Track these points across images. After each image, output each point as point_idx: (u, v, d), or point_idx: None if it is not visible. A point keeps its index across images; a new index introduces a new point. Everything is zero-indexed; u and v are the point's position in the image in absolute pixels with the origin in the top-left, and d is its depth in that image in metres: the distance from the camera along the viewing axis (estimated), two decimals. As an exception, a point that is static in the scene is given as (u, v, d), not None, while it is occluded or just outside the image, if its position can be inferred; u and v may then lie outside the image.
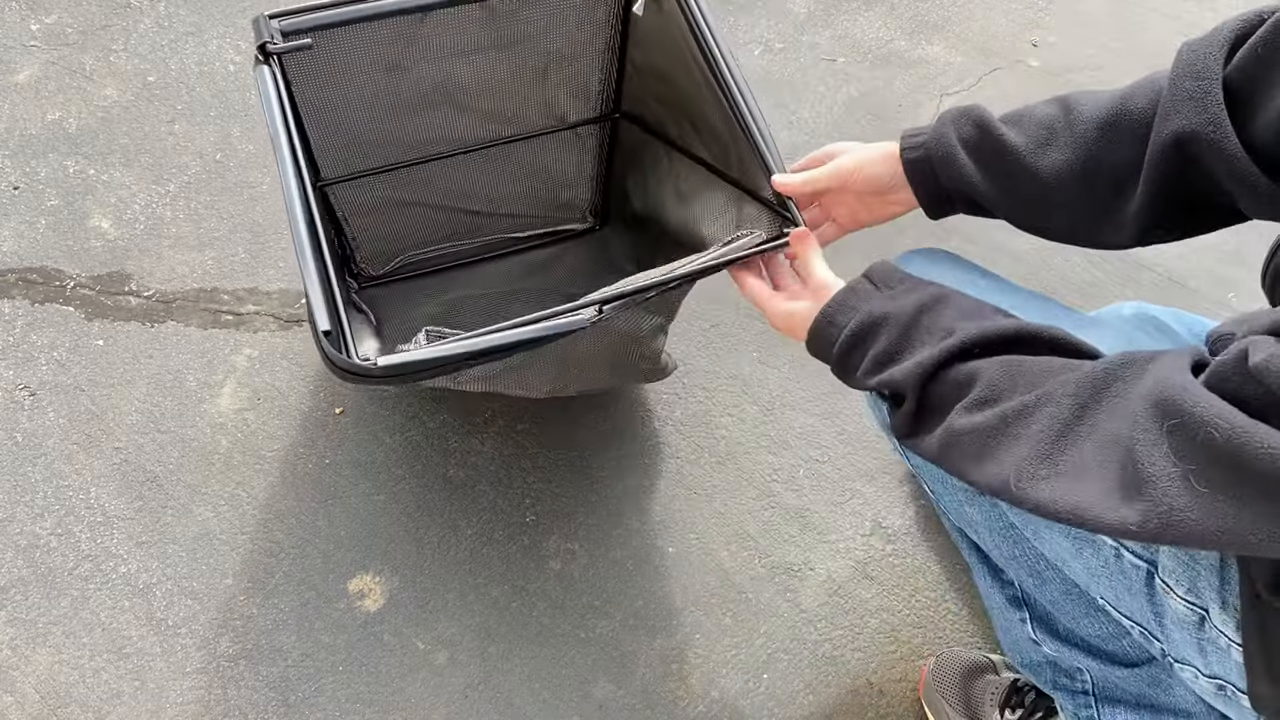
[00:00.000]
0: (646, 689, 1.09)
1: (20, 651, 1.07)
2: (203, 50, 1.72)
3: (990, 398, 0.62)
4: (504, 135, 1.19)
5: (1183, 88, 0.64)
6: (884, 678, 1.12)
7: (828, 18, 1.90)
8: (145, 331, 1.35)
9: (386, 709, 1.06)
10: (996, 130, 0.75)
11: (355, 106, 1.06)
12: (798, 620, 1.15)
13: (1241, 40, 0.63)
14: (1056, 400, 0.59)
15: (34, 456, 1.22)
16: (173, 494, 1.20)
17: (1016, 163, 0.74)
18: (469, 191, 1.24)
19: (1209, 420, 0.49)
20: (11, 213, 1.46)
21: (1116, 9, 1.98)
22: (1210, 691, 0.69)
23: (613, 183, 1.32)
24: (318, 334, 0.75)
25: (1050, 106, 0.76)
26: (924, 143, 0.79)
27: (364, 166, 1.15)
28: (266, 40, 0.90)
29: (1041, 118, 0.75)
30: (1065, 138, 0.72)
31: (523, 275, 1.34)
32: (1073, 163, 0.71)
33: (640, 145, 1.21)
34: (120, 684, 1.06)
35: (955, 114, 0.79)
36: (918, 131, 0.80)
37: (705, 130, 1.03)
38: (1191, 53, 0.65)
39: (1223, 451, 0.49)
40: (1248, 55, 0.62)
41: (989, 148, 0.76)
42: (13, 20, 1.73)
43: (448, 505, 1.21)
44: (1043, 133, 0.74)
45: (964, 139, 0.77)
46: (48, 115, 1.59)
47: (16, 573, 1.13)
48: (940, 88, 1.79)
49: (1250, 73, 0.61)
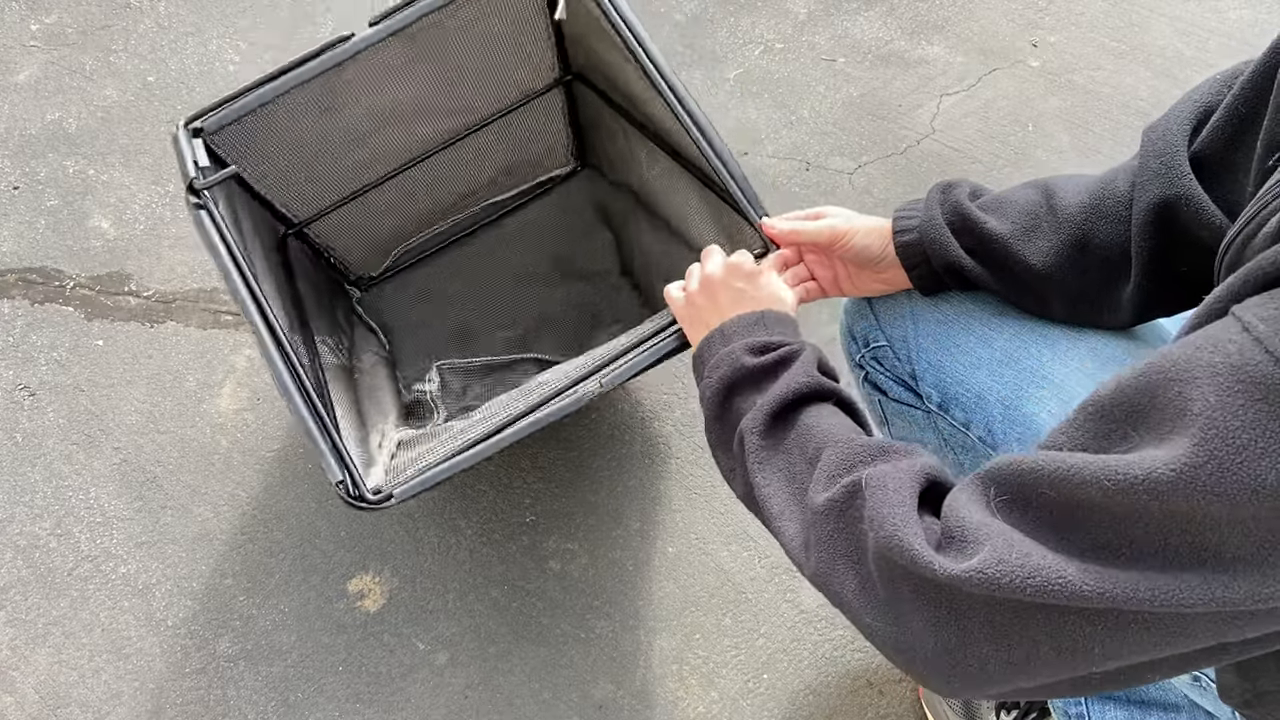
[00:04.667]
0: (646, 689, 1.09)
1: (20, 652, 1.07)
2: (203, 50, 1.72)
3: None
4: (464, 126, 1.17)
5: (1150, 167, 0.65)
6: (884, 678, 1.12)
7: (828, 18, 1.90)
8: (145, 331, 1.35)
9: (386, 709, 1.06)
10: (976, 218, 0.74)
11: (303, 153, 1.06)
12: (798, 620, 1.15)
13: (1204, 118, 0.64)
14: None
15: (34, 456, 1.22)
16: (173, 494, 1.20)
17: (1004, 250, 0.74)
18: (446, 179, 1.24)
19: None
20: (11, 213, 1.46)
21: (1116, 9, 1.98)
22: (1187, 683, 0.71)
23: (583, 134, 1.32)
24: (332, 484, 0.81)
25: (1030, 191, 0.75)
26: (916, 226, 0.78)
27: (332, 200, 1.14)
28: (193, 179, 0.88)
29: (1023, 204, 0.74)
30: (1049, 224, 0.72)
31: (518, 235, 1.34)
32: (1060, 248, 0.71)
33: (598, 111, 1.21)
34: (120, 684, 1.06)
35: (940, 194, 0.78)
36: (909, 212, 0.79)
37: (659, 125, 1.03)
38: (1155, 135, 0.66)
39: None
40: (1216, 126, 0.62)
41: (974, 236, 0.75)
42: (13, 20, 1.73)
43: (448, 505, 1.21)
44: (1026, 219, 0.73)
45: (952, 225, 0.76)
46: (48, 115, 1.59)
47: (16, 573, 1.13)
48: (940, 88, 1.79)
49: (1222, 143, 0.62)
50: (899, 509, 0.55)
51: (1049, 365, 0.76)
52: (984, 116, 1.75)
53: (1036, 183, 0.75)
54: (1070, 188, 0.72)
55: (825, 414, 0.67)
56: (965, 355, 0.79)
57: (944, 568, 0.50)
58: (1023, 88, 1.78)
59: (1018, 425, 0.75)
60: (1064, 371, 0.75)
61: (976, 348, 0.79)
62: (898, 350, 0.83)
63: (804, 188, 1.62)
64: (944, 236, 0.75)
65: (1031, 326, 0.78)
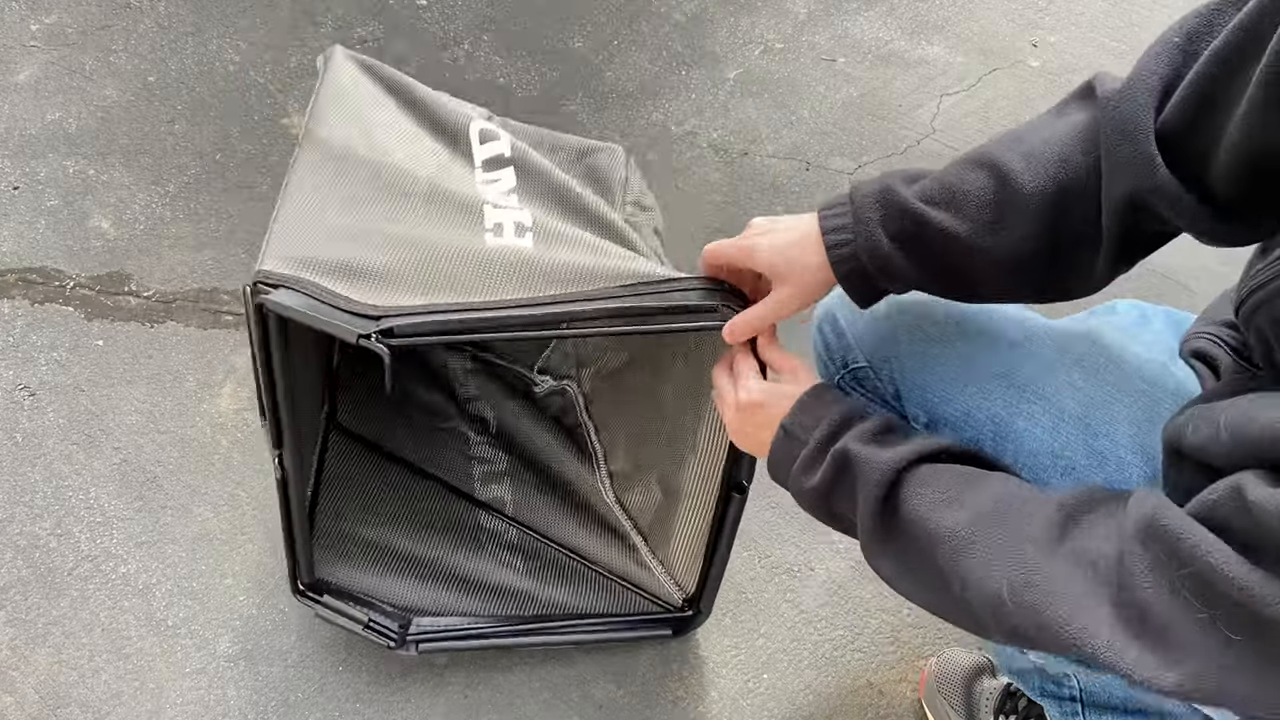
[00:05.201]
0: (646, 689, 1.09)
1: (20, 652, 1.07)
2: (203, 50, 1.72)
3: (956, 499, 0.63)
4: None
5: (1118, 154, 0.61)
6: (884, 678, 1.12)
7: (828, 18, 1.90)
8: (145, 331, 1.35)
9: (386, 709, 1.06)
10: (928, 218, 0.68)
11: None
12: (798, 620, 1.15)
13: (1170, 87, 0.60)
14: (1025, 516, 0.59)
15: (34, 456, 1.22)
16: (173, 494, 1.20)
17: (962, 248, 0.68)
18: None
19: (1218, 568, 0.48)
20: (11, 213, 1.46)
21: (1116, 9, 1.98)
22: None
23: None
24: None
25: (978, 176, 0.67)
26: (852, 248, 0.70)
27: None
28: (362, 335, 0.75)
29: (977, 194, 0.67)
30: (1014, 217, 0.66)
31: None
32: (1028, 237, 0.66)
33: None
34: (120, 684, 1.06)
35: (872, 200, 0.70)
36: (837, 224, 0.71)
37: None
38: (1117, 112, 0.61)
39: (1237, 603, 0.47)
40: (1182, 107, 0.58)
41: (928, 239, 0.68)
42: (13, 20, 1.73)
43: (448, 505, 1.21)
44: (986, 213, 0.67)
45: (894, 235, 0.69)
46: (48, 115, 1.59)
47: (16, 573, 1.13)
48: (940, 88, 1.79)
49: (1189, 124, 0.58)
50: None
51: (1038, 381, 0.74)
52: (984, 116, 1.75)
53: (982, 160, 0.68)
54: (1021, 169, 0.66)
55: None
56: (951, 373, 0.77)
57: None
58: (1023, 88, 1.78)
59: (1009, 442, 0.74)
60: (1053, 387, 0.74)
61: (961, 366, 0.76)
62: (879, 371, 0.80)
63: (804, 188, 1.62)
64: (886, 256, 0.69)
65: (1016, 342, 0.77)
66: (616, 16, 1.88)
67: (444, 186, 0.89)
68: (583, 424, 1.21)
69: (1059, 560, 0.56)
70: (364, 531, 1.11)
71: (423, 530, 1.13)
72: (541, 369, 1.24)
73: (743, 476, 0.93)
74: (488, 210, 0.87)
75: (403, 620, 1.04)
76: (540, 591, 1.10)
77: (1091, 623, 0.54)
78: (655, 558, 1.12)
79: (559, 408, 1.23)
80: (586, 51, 1.80)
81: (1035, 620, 0.56)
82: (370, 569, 1.08)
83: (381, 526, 1.12)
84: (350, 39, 1.78)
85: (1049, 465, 0.72)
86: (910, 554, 0.65)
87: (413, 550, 1.11)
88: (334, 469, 1.15)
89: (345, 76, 0.98)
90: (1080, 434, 0.72)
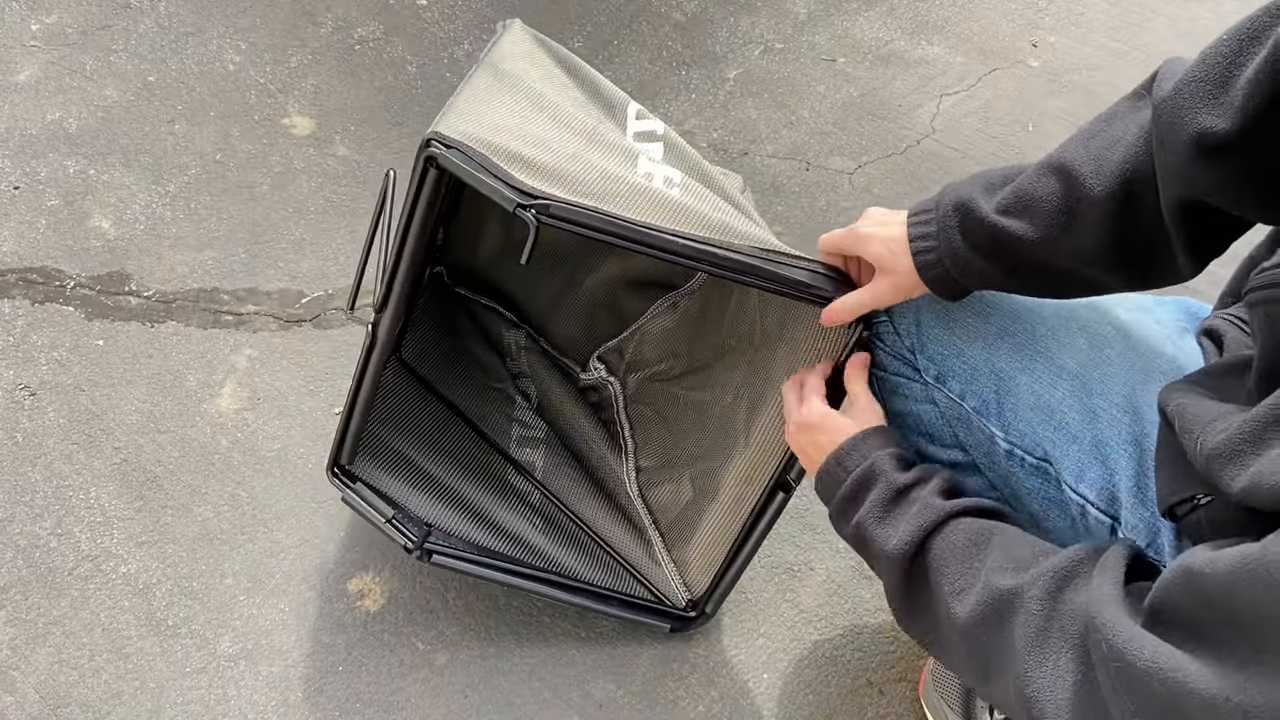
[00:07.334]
0: (646, 689, 1.09)
1: (20, 651, 1.07)
2: (203, 50, 1.72)
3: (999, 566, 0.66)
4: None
5: (1166, 162, 0.63)
6: (884, 678, 1.12)
7: (828, 18, 1.90)
8: (145, 331, 1.35)
9: (386, 709, 1.06)
10: (1002, 227, 0.71)
11: None
12: (798, 620, 1.15)
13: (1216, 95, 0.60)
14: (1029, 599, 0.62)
15: (34, 456, 1.22)
16: (173, 494, 1.20)
17: (1039, 254, 0.71)
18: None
19: (1141, 666, 0.50)
20: (11, 213, 1.46)
21: (1116, 9, 1.98)
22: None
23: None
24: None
25: (1049, 182, 0.70)
26: (936, 255, 0.76)
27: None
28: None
29: (1049, 201, 0.70)
30: (1084, 221, 0.68)
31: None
32: (1100, 239, 0.68)
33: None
34: (120, 684, 1.06)
35: (952, 210, 0.74)
36: (922, 231, 0.76)
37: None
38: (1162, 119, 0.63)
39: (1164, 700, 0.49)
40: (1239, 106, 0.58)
41: (1005, 246, 0.72)
42: (13, 20, 1.73)
43: (448, 505, 1.21)
44: (1058, 219, 0.69)
45: (974, 244, 0.73)
46: (48, 115, 1.59)
47: (16, 573, 1.13)
48: (940, 88, 1.80)
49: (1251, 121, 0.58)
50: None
51: (1043, 340, 0.78)
52: (984, 116, 1.75)
53: (1054, 166, 0.71)
54: (1091, 172, 0.68)
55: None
56: (964, 329, 0.81)
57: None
58: (1023, 88, 1.78)
59: (1010, 396, 0.78)
60: (1057, 346, 0.78)
61: (975, 322, 0.81)
62: (899, 325, 0.85)
63: (804, 188, 1.62)
64: (968, 261, 0.74)
65: (1030, 308, 0.81)
66: (616, 17, 1.88)
67: (602, 135, 0.92)
68: (617, 420, 1.24)
69: (1046, 670, 0.59)
70: (403, 446, 1.13)
71: (456, 465, 1.15)
72: (594, 362, 1.28)
73: (792, 477, 0.96)
74: (641, 160, 0.90)
75: (423, 528, 1.05)
76: (552, 551, 1.11)
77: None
78: (669, 556, 1.13)
79: (597, 401, 1.26)
80: (586, 51, 1.80)
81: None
82: (402, 480, 1.10)
83: (419, 449, 1.13)
84: (350, 39, 1.78)
85: (1044, 420, 0.76)
86: (940, 643, 0.71)
87: (443, 478, 1.13)
88: (390, 384, 1.16)
89: (521, 45, 1.02)
90: (1076, 391, 0.76)
